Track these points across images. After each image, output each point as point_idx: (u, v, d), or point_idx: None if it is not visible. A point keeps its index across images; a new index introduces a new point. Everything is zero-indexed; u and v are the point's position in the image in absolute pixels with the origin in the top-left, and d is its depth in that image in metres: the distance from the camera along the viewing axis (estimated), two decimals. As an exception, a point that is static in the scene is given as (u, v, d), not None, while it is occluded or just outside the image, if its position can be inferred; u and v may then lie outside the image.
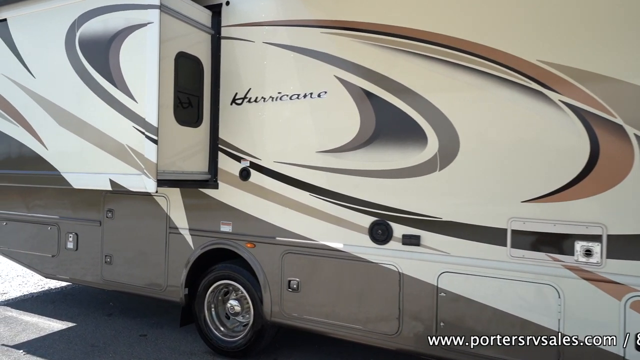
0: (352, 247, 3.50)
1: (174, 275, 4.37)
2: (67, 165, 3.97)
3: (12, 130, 4.32)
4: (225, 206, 4.10)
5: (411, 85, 3.28)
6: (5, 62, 4.33)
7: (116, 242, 4.74)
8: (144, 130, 3.51)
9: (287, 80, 3.79)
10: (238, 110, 4.03)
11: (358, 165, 3.47)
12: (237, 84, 4.04)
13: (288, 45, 3.78)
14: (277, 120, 3.84)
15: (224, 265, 4.20)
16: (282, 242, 3.81)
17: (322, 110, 3.64)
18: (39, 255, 5.33)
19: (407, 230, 3.29)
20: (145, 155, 3.50)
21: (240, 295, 4.24)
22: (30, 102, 4.15)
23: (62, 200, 5.14)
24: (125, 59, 3.61)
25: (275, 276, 3.85)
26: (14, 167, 4.36)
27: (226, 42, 4.11)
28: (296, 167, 3.74)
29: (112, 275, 4.77)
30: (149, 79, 3.45)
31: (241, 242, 4.02)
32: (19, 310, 5.49)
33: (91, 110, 3.79)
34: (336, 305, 3.58)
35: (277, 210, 3.83)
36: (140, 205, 4.58)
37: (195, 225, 4.27)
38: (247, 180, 3.97)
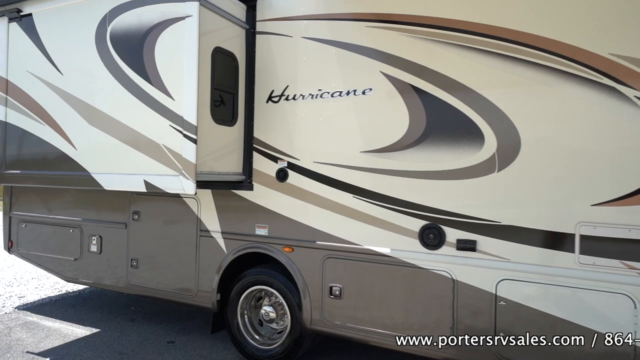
0: (400, 252, 3.33)
1: (205, 280, 4.20)
2: (98, 165, 3.81)
3: (38, 129, 4.16)
4: (260, 208, 3.93)
5: (466, 81, 3.11)
6: (31, 59, 4.17)
7: (143, 245, 4.57)
8: (181, 129, 3.34)
9: (329, 77, 3.61)
10: (274, 108, 3.86)
11: (407, 166, 3.30)
12: (273, 80, 3.87)
13: (329, 40, 3.61)
14: (317, 119, 3.67)
15: (259, 270, 4.03)
16: (322, 247, 3.64)
17: (367, 108, 3.46)
18: (60, 258, 5.17)
19: (461, 234, 3.11)
20: (183, 155, 3.34)
21: (274, 301, 4.07)
22: (57, 100, 3.98)
23: (84, 201, 4.98)
24: (161, 54, 3.45)
25: (315, 282, 3.67)
26: (39, 167, 4.20)
27: (261, 38, 3.94)
28: (338, 167, 3.56)
29: (138, 279, 4.61)
30: (187, 75, 3.29)
31: (278, 246, 3.85)
32: (39, 315, 5.33)
33: (124, 108, 3.62)
34: (382, 313, 3.40)
35: (317, 212, 3.66)
36: (168, 207, 4.41)
37: (228, 228, 4.10)
38: (285, 181, 3.80)
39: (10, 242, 5.63)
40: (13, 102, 4.31)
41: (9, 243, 5.63)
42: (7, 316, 5.28)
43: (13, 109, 4.31)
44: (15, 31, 4.27)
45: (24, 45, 4.21)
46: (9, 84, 4.32)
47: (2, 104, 4.35)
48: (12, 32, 4.29)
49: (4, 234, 5.71)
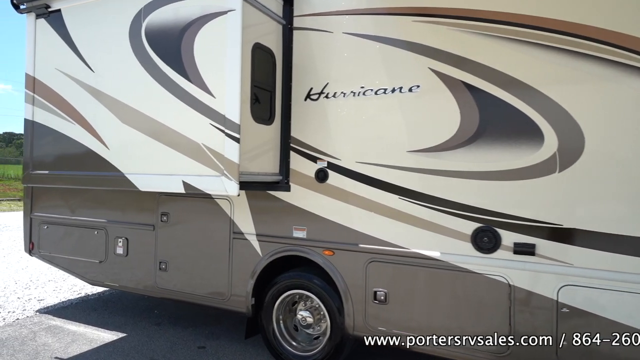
0: (450, 255, 3.19)
1: (239, 284, 4.07)
2: (132, 166, 3.68)
3: (67, 128, 4.04)
4: (298, 210, 3.80)
5: (523, 78, 2.97)
6: (60, 56, 4.05)
7: (172, 247, 4.45)
8: (223, 127, 3.21)
9: (372, 74, 3.48)
10: (313, 107, 3.73)
11: (458, 166, 3.16)
12: (312, 78, 3.74)
13: (373, 35, 3.48)
14: (360, 117, 3.54)
15: (296, 274, 3.90)
16: (366, 250, 3.51)
17: (414, 106, 3.33)
18: (84, 260, 5.05)
19: (519, 237, 2.97)
20: (225, 155, 3.21)
21: (310, 305, 3.94)
22: (88, 98, 3.86)
23: (110, 202, 4.85)
24: (201, 50, 3.32)
25: (358, 286, 3.54)
26: (68, 168, 4.08)
27: (299, 33, 3.81)
28: (383, 167, 3.43)
29: (167, 283, 4.48)
30: (229, 72, 3.16)
31: (317, 249, 3.72)
32: (62, 319, 5.21)
33: (160, 106, 3.50)
34: (431, 319, 3.26)
35: (360, 214, 3.53)
36: (199, 208, 4.28)
37: (264, 230, 3.97)
38: (325, 182, 3.67)
39: (31, 244, 5.51)
40: (40, 101, 4.19)
41: (30, 245, 5.51)
42: (30, 320, 5.16)
43: (41, 108, 4.19)
44: (43, 28, 4.15)
45: (52, 42, 4.09)
46: (36, 82, 4.21)
47: (30, 102, 4.23)
48: (40, 29, 4.17)
49: (24, 236, 5.59)
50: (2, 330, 4.81)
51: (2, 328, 4.86)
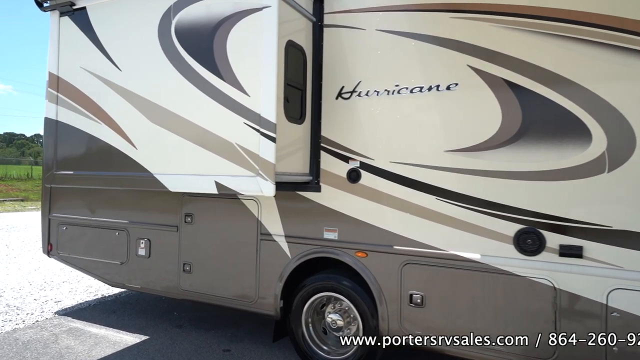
0: (491, 257, 3.11)
1: (267, 286, 4.00)
2: (162, 166, 3.61)
3: (93, 128, 3.97)
4: (329, 211, 3.72)
5: (569, 75, 2.89)
6: (85, 54, 3.98)
7: (196, 249, 4.37)
8: (258, 127, 3.14)
9: (407, 72, 3.41)
10: (345, 105, 3.66)
11: (499, 166, 3.08)
12: (343, 76, 3.67)
13: (408, 32, 3.41)
14: (394, 116, 3.47)
15: (326, 276, 3.83)
16: (401, 252, 3.43)
17: (452, 105, 3.25)
18: (104, 262, 4.98)
19: (565, 239, 2.89)
20: (260, 155, 3.14)
21: (339, 308, 3.87)
22: (115, 98, 3.79)
23: (131, 203, 4.79)
24: (234, 48, 3.25)
25: (392, 289, 3.47)
26: (94, 168, 4.01)
27: (330, 31, 3.74)
28: (419, 168, 3.36)
29: (191, 285, 4.41)
30: (265, 70, 3.09)
31: (349, 250, 3.64)
32: (82, 321, 5.15)
33: (191, 105, 3.42)
34: (471, 323, 3.18)
35: (394, 215, 3.45)
36: (225, 209, 4.21)
37: (293, 231, 3.90)
38: (357, 182, 3.59)
39: (49, 245, 5.44)
40: (65, 100, 4.12)
41: (48, 246, 5.45)
42: (49, 322, 5.10)
43: (65, 107, 4.12)
44: (67, 26, 4.08)
45: (77, 40, 4.02)
46: (60, 80, 4.14)
47: (53, 102, 4.17)
48: (64, 27, 4.10)
49: (42, 237, 5.52)
50: (23, 332, 4.74)
51: (22, 330, 4.80)
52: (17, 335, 4.66)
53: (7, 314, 5.36)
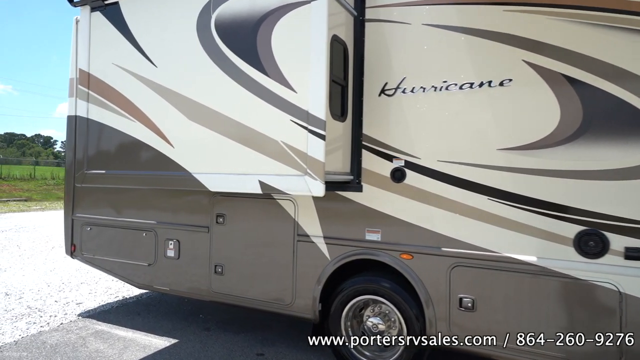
0: (549, 260, 2.99)
1: (304, 289, 3.89)
2: (200, 165, 3.49)
3: (126, 126, 3.86)
4: (371, 211, 3.61)
5: (634, 69, 2.77)
6: (117, 51, 3.87)
7: (229, 250, 4.26)
8: (306, 124, 3.03)
9: (456, 68, 3.29)
10: (388, 102, 3.54)
11: (557, 165, 2.96)
12: (387, 72, 3.55)
13: (457, 26, 3.29)
14: (442, 114, 3.35)
15: (368, 278, 3.71)
16: (449, 254, 3.31)
17: (506, 101, 3.13)
18: (131, 263, 4.87)
19: (631, 242, 2.77)
20: (308, 153, 3.03)
21: (378, 311, 3.75)
22: (150, 95, 3.68)
23: (159, 203, 4.67)
24: (280, 43, 3.14)
25: (440, 292, 3.35)
26: (128, 167, 3.89)
27: (372, 25, 3.62)
28: (469, 167, 3.24)
29: (223, 287, 4.30)
30: (314, 66, 2.98)
31: (394, 252, 3.53)
32: (107, 324, 5.04)
33: (233, 102, 3.31)
34: (526, 328, 3.06)
35: (442, 216, 3.34)
36: (259, 209, 4.09)
37: (332, 232, 3.78)
38: (402, 182, 3.48)
39: (72, 246, 5.33)
40: (96, 97, 4.01)
41: (72, 247, 5.34)
42: (74, 324, 4.99)
43: (96, 105, 4.01)
44: (99, 21, 3.97)
45: (109, 36, 3.91)
46: (90, 77, 4.03)
47: (84, 99, 4.06)
48: (95, 22, 3.99)
49: (65, 238, 5.42)
50: (49, 335, 4.64)
51: (48, 333, 4.70)
52: (44, 338, 4.55)
53: (30, 316, 5.26)
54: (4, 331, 4.73)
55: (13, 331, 4.73)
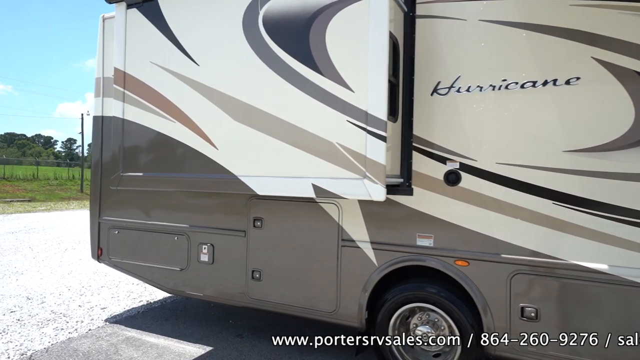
0: (623, 269, 2.84)
1: (349, 296, 3.74)
2: (247, 167, 3.35)
3: (165, 127, 3.71)
4: (422, 216, 3.46)
5: None
6: (155, 49, 3.72)
7: (267, 255, 4.12)
8: (364, 125, 2.88)
9: (517, 66, 3.14)
10: (442, 102, 3.39)
11: (632, 168, 2.81)
12: (440, 70, 3.40)
13: (518, 22, 3.14)
14: (501, 114, 3.20)
15: (418, 285, 3.56)
16: (510, 260, 3.16)
17: (573, 100, 2.98)
18: (162, 268, 4.73)
19: None
20: (367, 156, 2.88)
21: (426, 319, 3.60)
22: (191, 94, 3.53)
23: (192, 206, 4.53)
24: (335, 40, 2.99)
25: (499, 301, 3.20)
26: (168, 169, 3.75)
27: (424, 22, 3.47)
28: (532, 169, 3.09)
29: (261, 293, 4.15)
30: (374, 63, 2.83)
31: (448, 258, 3.38)
32: (137, 330, 4.90)
33: (283, 102, 3.16)
34: (600, 340, 2.91)
35: (502, 221, 3.19)
36: (300, 213, 3.95)
37: (380, 237, 3.64)
38: (456, 185, 3.33)
39: (99, 250, 5.20)
40: (132, 97, 3.87)
41: (98, 251, 5.21)
42: (103, 330, 4.86)
43: (132, 105, 3.86)
44: (135, 18, 3.82)
45: (147, 33, 3.76)
46: (126, 76, 3.88)
47: (119, 99, 3.91)
48: (131, 20, 3.84)
49: (91, 242, 5.28)
50: (79, 342, 4.50)
51: (78, 340, 4.56)
52: (74, 345, 4.42)
53: (56, 321, 5.12)
54: (32, 337, 4.60)
55: (42, 338, 4.60)
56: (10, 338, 4.59)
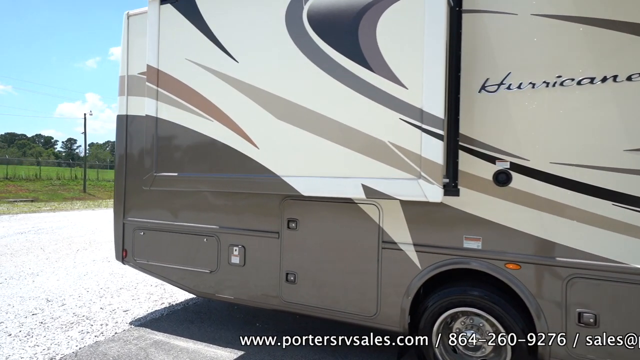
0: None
1: (390, 299, 3.63)
2: (291, 167, 3.23)
3: (204, 126, 3.59)
4: (470, 217, 3.35)
5: None
6: (191, 45, 3.60)
7: (302, 257, 4.00)
8: (419, 123, 2.76)
9: (573, 62, 3.02)
10: (490, 99, 3.28)
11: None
12: (488, 67, 3.28)
13: (575, 16, 3.02)
14: (556, 111, 3.08)
15: (463, 289, 3.45)
16: (566, 264, 3.05)
17: (635, 97, 2.86)
18: (190, 270, 4.62)
19: None
20: (422, 155, 2.77)
21: (470, 324, 3.49)
22: (230, 92, 3.42)
23: (222, 207, 4.42)
24: (387, 34, 2.87)
25: (554, 306, 3.09)
26: (205, 170, 3.63)
27: (470, 16, 3.35)
28: (589, 169, 2.97)
29: (295, 296, 4.04)
30: (430, 58, 2.73)
31: (497, 261, 3.27)
32: (164, 333, 4.80)
33: (330, 99, 3.05)
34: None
35: (557, 223, 3.07)
36: (338, 214, 3.83)
37: (424, 239, 3.52)
38: (506, 185, 3.22)
39: (124, 252, 5.10)
40: (167, 95, 3.75)
41: (123, 253, 5.10)
42: (129, 334, 4.75)
43: (167, 103, 3.75)
44: (169, 14, 3.71)
45: (182, 29, 3.64)
46: (160, 74, 3.77)
47: (152, 97, 3.79)
48: (165, 15, 3.73)
49: (115, 243, 5.18)
50: (107, 346, 4.40)
51: (105, 344, 4.45)
52: (103, 349, 4.31)
53: (80, 324, 5.02)
54: (59, 341, 4.50)
55: (68, 341, 4.50)
56: (37, 342, 4.48)
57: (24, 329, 4.87)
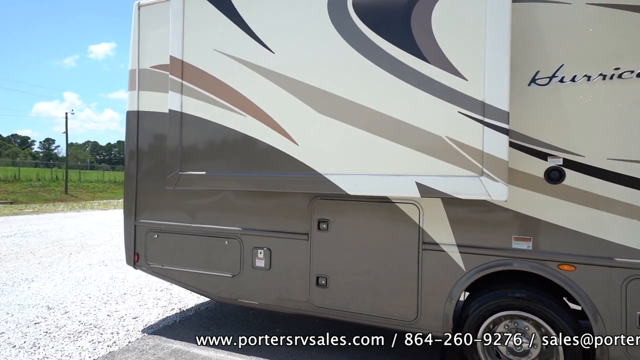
0: None
1: (432, 303, 3.46)
2: (334, 164, 3.03)
3: (235, 122, 3.36)
4: (519, 216, 3.20)
5: None
6: (221, 35, 3.37)
7: (334, 260, 3.80)
8: (481, 116, 2.59)
9: (633, 53, 2.90)
10: (541, 93, 3.13)
11: None
12: (539, 59, 3.13)
13: (635, 5, 2.89)
14: (614, 105, 2.95)
15: (510, 292, 3.29)
16: (625, 264, 2.92)
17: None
18: (210, 274, 4.38)
19: None
20: (484, 151, 2.60)
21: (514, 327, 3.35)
22: (265, 85, 3.19)
23: (245, 207, 4.18)
24: (444, 22, 2.70)
25: (613, 308, 2.96)
26: (237, 168, 3.40)
27: (520, 6, 3.18)
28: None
29: (327, 301, 3.84)
30: (494, 46, 2.57)
31: (550, 263, 3.12)
32: (180, 341, 4.54)
33: (379, 92, 2.86)
34: None
35: (615, 222, 2.95)
36: (373, 214, 3.64)
37: (468, 240, 3.36)
38: (559, 182, 3.08)
39: (135, 255, 4.81)
40: (192, 89, 3.51)
41: (135, 256, 4.82)
42: (144, 343, 4.48)
43: (193, 97, 3.50)
44: (196, 2, 3.46)
45: (210, 18, 3.40)
46: (185, 66, 3.52)
47: (176, 90, 3.54)
48: (191, 4, 3.48)
49: (126, 247, 4.89)
50: (122, 356, 4.13)
51: (121, 354, 4.18)
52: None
53: (88, 333, 4.73)
54: (70, 353, 4.20)
55: (80, 352, 4.21)
56: (45, 354, 4.18)
57: (28, 339, 4.55)
